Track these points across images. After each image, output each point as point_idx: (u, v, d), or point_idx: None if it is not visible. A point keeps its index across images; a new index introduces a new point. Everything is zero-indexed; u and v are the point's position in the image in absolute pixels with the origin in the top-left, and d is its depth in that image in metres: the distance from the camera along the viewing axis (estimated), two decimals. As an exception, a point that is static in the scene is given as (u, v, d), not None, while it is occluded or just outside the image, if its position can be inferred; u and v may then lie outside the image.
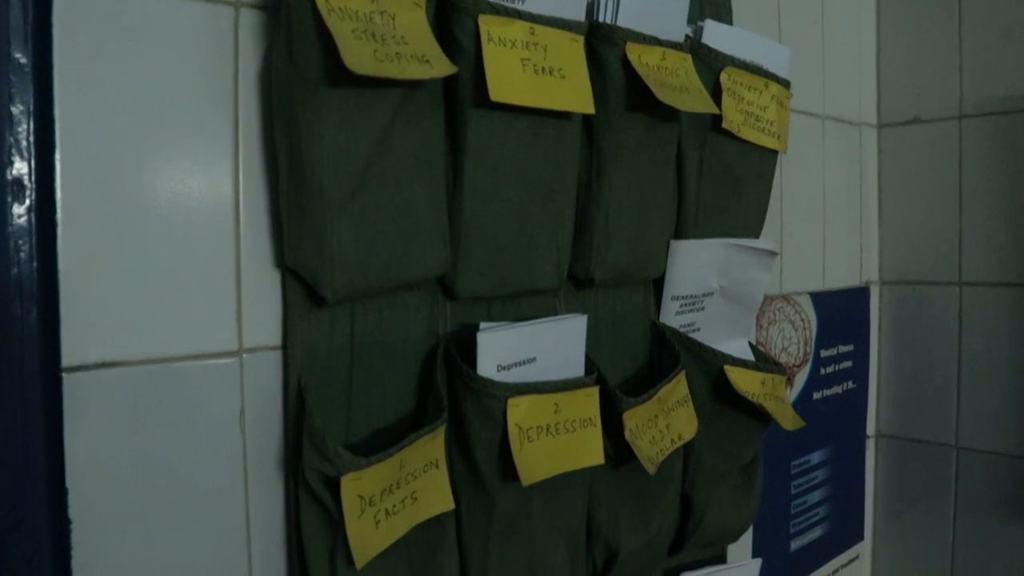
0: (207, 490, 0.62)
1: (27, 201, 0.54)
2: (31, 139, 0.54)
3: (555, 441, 0.71)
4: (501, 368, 0.70)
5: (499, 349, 0.70)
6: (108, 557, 0.58)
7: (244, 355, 0.64)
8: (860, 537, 1.40)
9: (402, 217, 0.65)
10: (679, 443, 0.84)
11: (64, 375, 0.56)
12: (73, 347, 0.56)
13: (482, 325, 0.70)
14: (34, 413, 0.54)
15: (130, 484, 0.59)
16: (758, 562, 1.02)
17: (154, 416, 0.59)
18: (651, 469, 0.78)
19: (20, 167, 0.54)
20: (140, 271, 0.59)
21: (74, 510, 0.56)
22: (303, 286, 0.64)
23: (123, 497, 0.58)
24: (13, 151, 0.53)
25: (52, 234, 0.55)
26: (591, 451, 0.74)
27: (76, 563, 0.57)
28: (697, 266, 0.90)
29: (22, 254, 0.54)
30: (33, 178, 0.54)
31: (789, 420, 0.94)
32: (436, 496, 0.67)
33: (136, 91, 0.58)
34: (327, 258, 0.61)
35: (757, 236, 0.99)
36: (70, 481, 0.56)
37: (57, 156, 0.55)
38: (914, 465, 1.39)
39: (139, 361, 0.59)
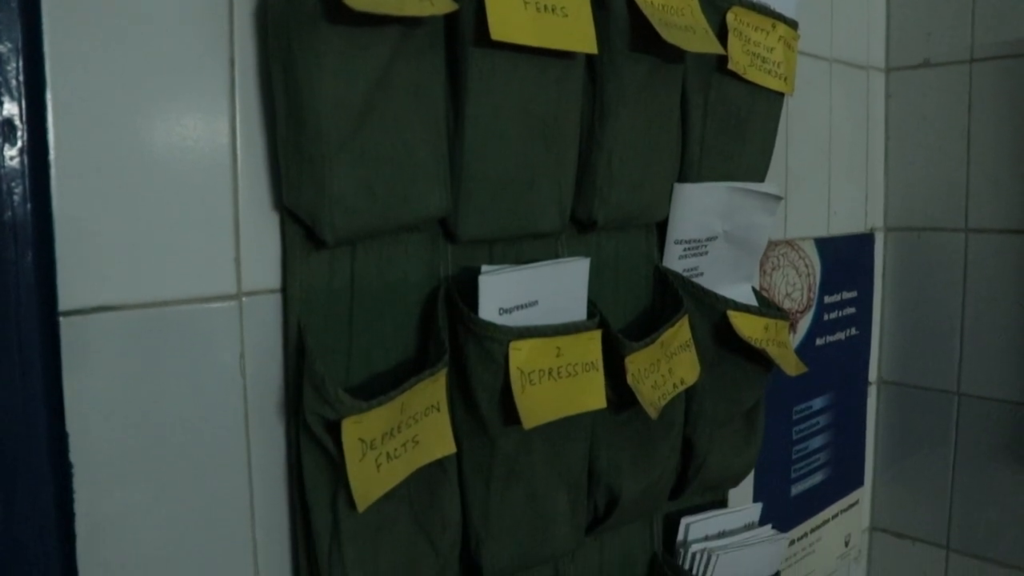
0: (208, 434, 0.62)
1: (19, 142, 0.53)
2: (20, 78, 0.53)
3: (557, 385, 0.70)
4: (503, 311, 0.69)
5: (501, 292, 0.69)
6: (110, 501, 0.58)
7: (243, 298, 0.63)
8: (860, 482, 1.41)
9: (402, 158, 0.64)
10: (681, 388, 0.83)
11: (61, 319, 0.55)
12: (70, 291, 0.55)
13: (484, 268, 0.70)
14: (32, 358, 0.54)
15: (131, 428, 0.58)
16: (759, 506, 1.02)
17: (153, 360, 0.59)
18: (653, 414, 0.78)
19: (10, 108, 0.52)
20: (136, 214, 0.58)
21: (75, 454, 0.56)
22: (302, 228, 0.63)
23: (124, 441, 0.58)
24: (2, 91, 0.52)
25: (45, 176, 0.54)
26: (593, 395, 0.73)
27: (79, 507, 0.56)
28: (701, 210, 0.89)
29: (15, 197, 0.53)
30: (24, 118, 0.53)
31: (792, 366, 0.94)
32: (437, 440, 0.67)
33: (129, 29, 0.56)
34: (326, 199, 0.60)
35: (762, 180, 0.98)
36: (70, 425, 0.56)
37: (48, 96, 0.54)
38: (915, 412, 1.39)
39: (137, 305, 0.58)
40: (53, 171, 0.54)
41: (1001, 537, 1.32)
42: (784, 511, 1.22)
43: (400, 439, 0.63)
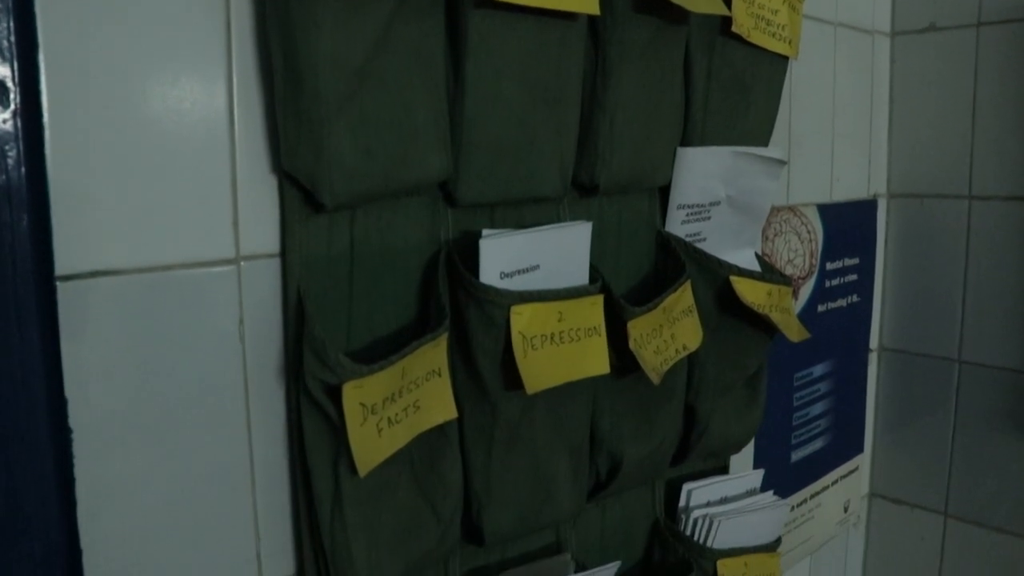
0: (208, 399, 0.62)
1: (11, 105, 0.52)
2: (12, 39, 0.52)
3: (559, 350, 0.70)
4: (504, 275, 0.69)
5: (502, 256, 0.68)
6: (110, 466, 0.58)
7: (242, 263, 0.62)
8: (860, 449, 1.42)
9: (402, 120, 0.63)
10: (683, 353, 0.83)
11: (58, 284, 0.54)
12: (66, 256, 0.55)
13: (484, 232, 0.69)
14: (29, 323, 0.53)
15: (130, 394, 0.58)
16: (760, 473, 1.02)
17: (151, 325, 0.58)
18: (655, 379, 0.77)
19: (2, 69, 0.51)
20: (132, 177, 0.57)
21: (74, 419, 0.56)
22: (301, 192, 0.62)
23: (123, 407, 0.58)
24: (-6, 52, 0.51)
25: (39, 139, 0.53)
26: (596, 360, 0.73)
27: (79, 472, 0.56)
28: (704, 174, 0.89)
29: (9, 160, 0.52)
30: (16, 80, 0.52)
31: (795, 332, 0.93)
32: (439, 405, 0.66)
33: (122, -13, 0.55)
34: (325, 162, 0.59)
35: (765, 145, 0.97)
36: (69, 391, 0.55)
37: (41, 57, 0.53)
38: (916, 379, 1.39)
39: (134, 269, 0.58)
40: (47, 134, 0.53)
41: (999, 504, 1.32)
42: (784, 477, 1.22)
43: (401, 404, 0.63)
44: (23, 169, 0.53)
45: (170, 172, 0.58)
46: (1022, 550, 1.31)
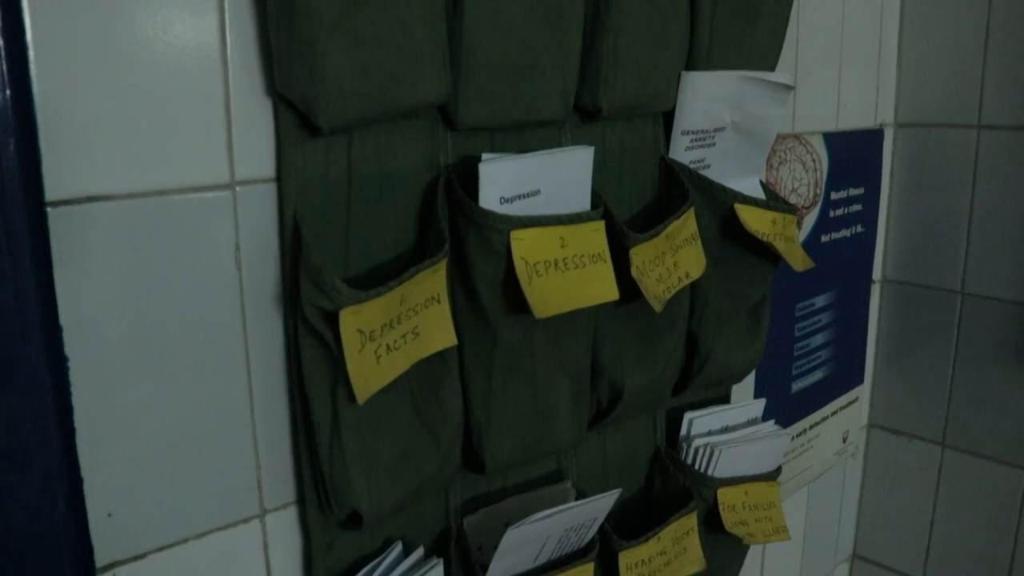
0: (204, 327, 0.61)
1: (-7, 23, 0.50)
2: (-9, -45, 0.50)
3: (564, 276, 0.69)
4: (504, 200, 0.67)
5: (502, 180, 0.67)
6: (109, 395, 0.57)
7: (237, 188, 0.61)
8: (860, 380, 1.42)
9: (399, 40, 0.61)
10: (686, 281, 0.82)
11: (49, 210, 0.53)
12: (56, 181, 0.53)
13: (484, 156, 0.67)
14: (20, 250, 0.52)
15: (125, 321, 0.57)
16: (762, 402, 1.02)
17: (146, 252, 0.57)
18: (658, 307, 0.76)
19: (-19, -12, 0.49)
20: (121, 100, 0.55)
21: (70, 348, 0.55)
22: (296, 115, 0.61)
23: (119, 334, 0.57)
24: (-29, -33, 0.49)
25: (23, 60, 0.51)
26: (604, 286, 0.72)
27: (77, 400, 0.56)
28: (709, 99, 0.86)
29: (-7, 81, 0.51)
30: (-4, -2, 0.50)
31: (799, 261, 0.92)
32: (438, 332, 0.66)
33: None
34: (320, 83, 0.57)
35: (772, 70, 0.95)
36: (64, 319, 0.54)
37: (22, -27, 0.51)
38: (918, 310, 1.39)
39: (126, 195, 0.56)
40: (32, 54, 0.52)
41: (997, 435, 1.33)
42: (784, 408, 1.23)
43: (400, 331, 0.62)
44: (8, 91, 0.51)
45: (160, 94, 0.57)
46: (1019, 480, 1.32)
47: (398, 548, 0.72)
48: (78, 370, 0.56)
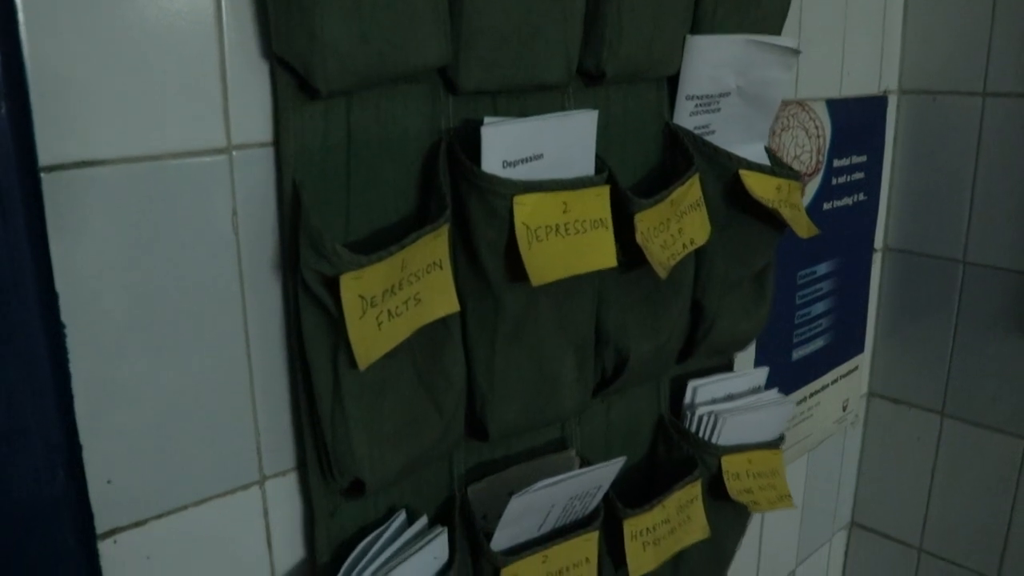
0: (202, 293, 0.60)
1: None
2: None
3: (565, 242, 0.68)
4: (506, 164, 0.66)
5: (504, 144, 0.66)
6: (107, 362, 0.57)
7: (234, 152, 0.60)
8: (861, 349, 1.42)
9: (398, 1, 0.59)
10: (691, 248, 0.81)
11: (43, 175, 0.52)
12: (50, 146, 0.52)
13: (487, 119, 0.66)
14: (14, 215, 0.51)
15: (123, 288, 0.56)
16: (765, 370, 1.02)
17: (142, 218, 0.56)
18: (662, 274, 0.76)
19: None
20: (114, 62, 0.54)
21: (66, 314, 0.54)
22: (294, 77, 0.59)
23: (117, 301, 0.56)
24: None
25: (13, 21, 0.50)
26: (603, 253, 0.71)
27: (74, 368, 0.55)
28: (714, 64, 0.85)
29: (-19, 44, 0.49)
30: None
31: (804, 227, 0.91)
32: (440, 298, 0.65)
33: None
34: (318, 45, 0.56)
35: (778, 34, 0.93)
36: (60, 285, 0.53)
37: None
38: (919, 279, 1.38)
39: (121, 159, 0.55)
40: (21, 16, 0.50)
41: (996, 404, 1.33)
42: (785, 375, 1.22)
43: (401, 296, 0.61)
44: (-2, 54, 0.50)
45: (154, 56, 0.55)
46: (1017, 450, 1.32)
47: (402, 516, 0.71)
48: (75, 337, 0.55)
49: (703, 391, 0.97)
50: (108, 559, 0.59)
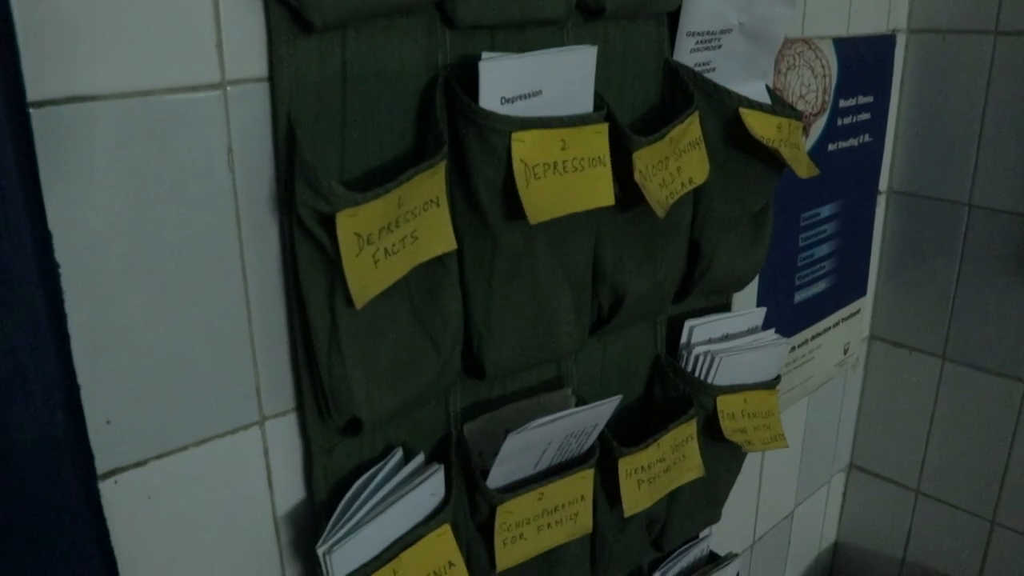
0: (198, 231, 0.60)
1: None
2: None
3: (563, 179, 0.67)
4: (505, 101, 0.65)
5: (503, 80, 0.65)
6: (103, 303, 0.57)
7: (228, 87, 0.59)
8: (863, 292, 1.41)
9: (392, -69, 0.58)
10: (689, 187, 0.81)
11: (32, 111, 0.51)
12: (38, 81, 0.51)
13: (484, 54, 0.65)
14: (4, 153, 0.51)
15: (116, 226, 0.56)
16: (762, 311, 1.02)
17: (135, 155, 0.56)
18: (660, 212, 0.75)
19: None
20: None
21: (60, 253, 0.54)
22: (288, 10, 0.58)
23: (110, 239, 0.56)
24: None
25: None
26: (600, 191, 0.70)
27: (70, 308, 0.55)
28: (716, -1, 0.83)
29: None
30: None
31: (804, 167, 0.90)
32: (437, 235, 0.64)
33: None
34: (311, -25, 0.55)
35: (782, -32, 0.91)
36: (53, 223, 0.53)
37: None
38: (923, 222, 1.37)
39: (111, 95, 0.54)
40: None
41: (997, 348, 1.33)
42: (786, 318, 1.22)
43: (398, 234, 0.61)
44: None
45: (142, -14, 0.54)
46: (1016, 392, 1.32)
47: (398, 454, 0.72)
48: (70, 277, 0.55)
49: (700, 331, 0.97)
50: (109, 499, 0.59)
